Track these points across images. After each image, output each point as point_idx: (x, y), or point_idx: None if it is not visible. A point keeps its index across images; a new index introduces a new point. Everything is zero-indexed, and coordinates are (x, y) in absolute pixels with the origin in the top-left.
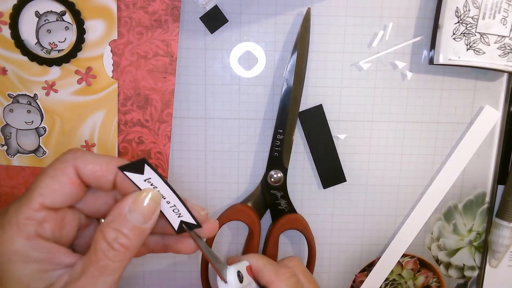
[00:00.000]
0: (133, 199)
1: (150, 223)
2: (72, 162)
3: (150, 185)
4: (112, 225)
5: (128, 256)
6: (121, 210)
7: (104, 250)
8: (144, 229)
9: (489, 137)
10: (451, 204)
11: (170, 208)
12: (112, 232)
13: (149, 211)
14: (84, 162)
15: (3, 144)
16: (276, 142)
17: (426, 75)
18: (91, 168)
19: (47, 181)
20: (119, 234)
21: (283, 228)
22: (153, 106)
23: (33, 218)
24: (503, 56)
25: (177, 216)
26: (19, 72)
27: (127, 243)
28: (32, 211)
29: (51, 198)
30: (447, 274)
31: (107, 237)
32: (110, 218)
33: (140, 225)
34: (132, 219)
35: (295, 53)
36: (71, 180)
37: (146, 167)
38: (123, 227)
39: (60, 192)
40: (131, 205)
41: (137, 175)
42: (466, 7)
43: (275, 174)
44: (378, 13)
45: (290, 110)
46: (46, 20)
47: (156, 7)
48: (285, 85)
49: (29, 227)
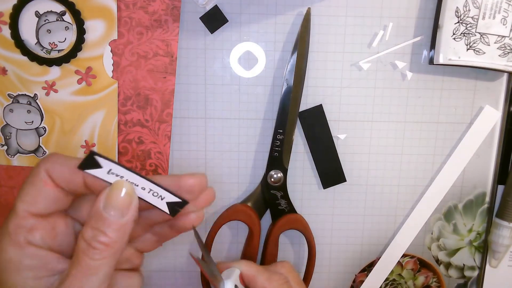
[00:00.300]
0: (106, 194)
1: (129, 216)
2: (43, 166)
3: (117, 176)
4: (89, 224)
5: (111, 253)
6: (96, 208)
7: (84, 250)
8: (123, 223)
9: (489, 137)
10: (451, 204)
11: (148, 193)
12: (89, 231)
13: (124, 204)
14: (53, 164)
15: (3, 144)
16: (276, 142)
17: (426, 75)
18: (59, 170)
19: (27, 188)
20: (97, 232)
21: (283, 228)
22: (153, 106)
23: (22, 226)
24: (503, 56)
25: (160, 199)
26: (19, 72)
27: (106, 240)
28: (20, 219)
29: (33, 204)
30: (447, 274)
31: (85, 236)
32: (87, 217)
33: (118, 219)
34: (108, 215)
35: (295, 53)
36: (46, 183)
37: (100, 160)
38: (100, 225)
39: (40, 197)
40: (105, 201)
41: (98, 170)
42: (466, 7)
43: (275, 174)
44: (378, 13)
45: (290, 110)
46: (46, 20)
47: (156, 7)
48: (285, 85)
49: (19, 236)
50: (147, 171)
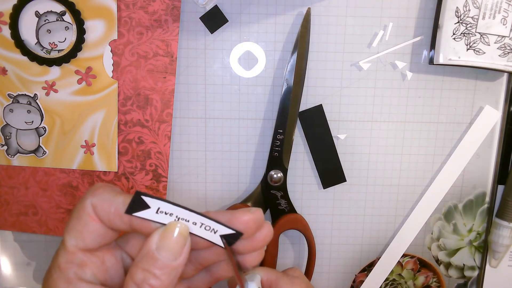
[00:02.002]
0: (159, 235)
1: (181, 259)
2: (90, 200)
3: (166, 214)
4: (140, 265)
5: None
6: (149, 248)
7: None
8: (175, 266)
9: (489, 137)
10: (451, 204)
11: (200, 228)
12: (140, 273)
13: (178, 246)
14: (100, 199)
15: (3, 144)
16: (276, 142)
17: (426, 75)
18: (104, 207)
19: (73, 222)
20: (148, 274)
21: (283, 228)
22: (153, 106)
23: (72, 261)
24: (503, 56)
25: (213, 233)
26: (19, 72)
27: (157, 284)
28: (69, 254)
29: (81, 239)
30: (447, 274)
31: (136, 278)
32: (137, 258)
33: (170, 262)
34: (161, 257)
35: (295, 53)
36: (92, 218)
37: (147, 199)
38: (151, 267)
39: (87, 232)
40: (158, 242)
41: (147, 211)
42: (466, 7)
43: (275, 174)
44: (378, 13)
45: (290, 110)
46: (46, 20)
47: (156, 7)
48: (285, 85)
49: (70, 271)
50: (147, 171)
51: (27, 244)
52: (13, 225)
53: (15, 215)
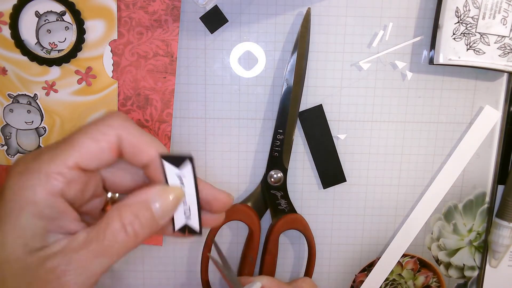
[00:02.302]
0: (161, 191)
1: (165, 221)
2: (117, 130)
3: (179, 181)
4: (132, 209)
5: (132, 245)
6: (147, 197)
7: (115, 230)
8: (158, 225)
9: (489, 137)
10: (451, 204)
11: (182, 208)
12: (130, 215)
13: (170, 209)
14: (129, 133)
15: (3, 144)
16: (276, 142)
17: (426, 75)
18: (133, 142)
19: (88, 142)
20: (136, 220)
21: (283, 228)
22: (153, 106)
23: (64, 175)
24: (503, 56)
25: (185, 217)
26: (19, 72)
27: (140, 232)
28: (65, 167)
29: (87, 160)
30: (447, 274)
31: (123, 218)
32: (131, 201)
33: (158, 218)
34: (155, 210)
35: (295, 53)
36: (111, 147)
37: (187, 164)
38: (142, 214)
39: (97, 156)
40: (158, 196)
41: (173, 167)
42: (466, 7)
43: (275, 174)
44: (378, 13)
45: (290, 110)
46: (46, 20)
47: (156, 7)
48: (285, 85)
49: (57, 183)
50: None
51: None
52: None
53: None
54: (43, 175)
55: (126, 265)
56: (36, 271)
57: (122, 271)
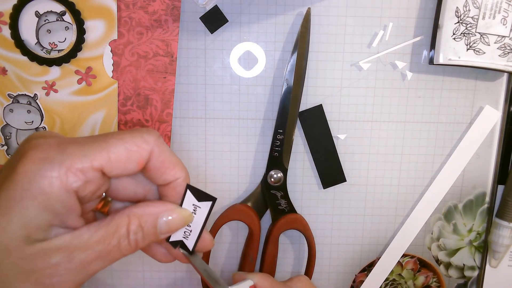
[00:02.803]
0: (172, 209)
1: (164, 237)
2: (152, 147)
3: (192, 209)
4: (140, 219)
5: (128, 253)
6: (157, 212)
7: (121, 237)
8: (157, 239)
9: (489, 137)
10: (451, 204)
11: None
12: (136, 225)
13: (175, 227)
14: (161, 152)
15: (3, 144)
16: (276, 142)
17: (426, 75)
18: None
19: (120, 149)
20: (140, 231)
21: (283, 228)
22: (153, 106)
23: (86, 174)
24: (503, 56)
25: (183, 236)
26: (19, 72)
27: (140, 242)
28: (90, 167)
29: (113, 166)
30: (447, 274)
31: (131, 227)
32: (141, 211)
33: (160, 234)
34: (160, 225)
35: (295, 53)
36: (140, 161)
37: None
38: (147, 227)
39: (124, 165)
40: (167, 212)
41: (193, 197)
42: (466, 7)
43: (275, 174)
44: (378, 13)
45: (290, 110)
46: (46, 20)
47: (156, 7)
48: (285, 85)
49: (76, 180)
50: None
51: None
52: None
53: None
54: (64, 169)
55: (126, 265)
56: (36, 263)
57: (122, 271)
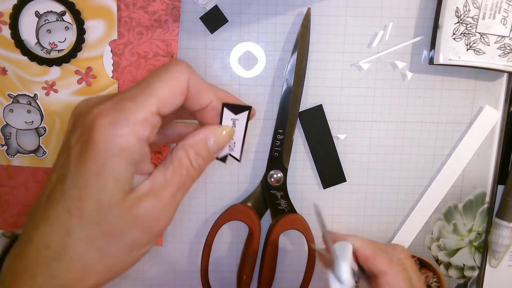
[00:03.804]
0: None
1: (217, 154)
2: (188, 75)
3: (232, 123)
4: (195, 148)
5: (197, 177)
6: (205, 137)
7: (188, 167)
8: (213, 158)
9: (489, 137)
10: (451, 204)
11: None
12: (193, 153)
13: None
14: (194, 78)
15: (3, 144)
16: (276, 142)
17: (426, 75)
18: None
19: (165, 88)
20: (198, 156)
21: (283, 228)
22: None
23: (150, 121)
24: (503, 56)
25: (227, 149)
26: (19, 72)
27: (202, 165)
28: (150, 114)
29: (165, 105)
30: (447, 274)
31: (191, 157)
32: (193, 140)
33: (213, 153)
34: (211, 147)
35: (295, 53)
36: (183, 91)
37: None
38: (202, 152)
39: (174, 101)
40: (213, 135)
41: (231, 113)
42: (466, 7)
43: (275, 174)
44: (378, 13)
45: (290, 110)
46: (46, 20)
47: (156, 7)
48: (285, 85)
49: (144, 129)
50: None
51: None
52: (13, 225)
53: (15, 215)
54: (132, 124)
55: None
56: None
57: None
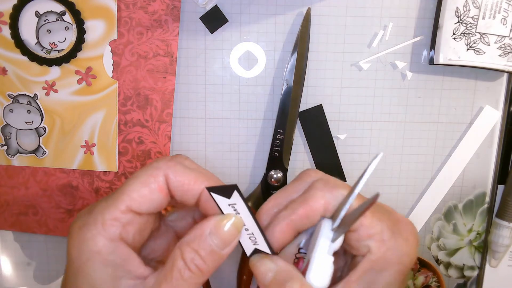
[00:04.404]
0: (215, 222)
1: (228, 250)
2: (164, 171)
3: (233, 211)
4: (192, 245)
5: (200, 281)
6: (202, 231)
7: (180, 269)
8: (221, 255)
9: (489, 137)
10: (451, 204)
11: (247, 235)
12: (190, 252)
13: (229, 237)
14: (175, 172)
15: (3, 144)
16: (276, 142)
17: (426, 75)
18: (180, 180)
19: (137, 186)
20: (197, 255)
21: None
22: (153, 106)
23: (119, 219)
24: (503, 56)
25: (252, 243)
26: (19, 72)
27: (203, 266)
28: (119, 212)
29: (138, 203)
30: (447, 274)
31: (185, 256)
32: (190, 237)
33: (218, 250)
34: (212, 242)
35: (295, 53)
36: (160, 188)
37: (234, 193)
38: (201, 249)
39: (148, 198)
40: (213, 228)
41: (223, 198)
42: (466, 7)
43: (275, 174)
44: (378, 13)
45: (290, 110)
46: (46, 20)
47: (156, 7)
48: (285, 85)
49: (114, 228)
50: None
51: (27, 244)
52: (13, 225)
53: (15, 215)
54: (99, 224)
55: None
56: None
57: None
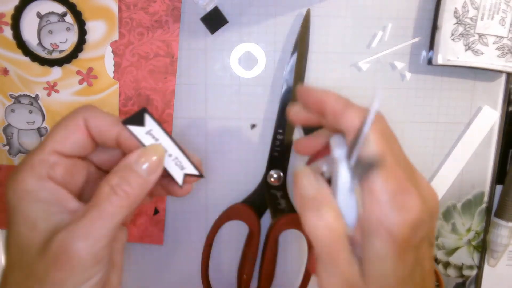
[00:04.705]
0: (139, 152)
1: (154, 177)
2: (82, 114)
3: (152, 138)
4: (117, 173)
5: (128, 203)
6: (127, 161)
7: (106, 193)
8: (148, 181)
9: (488, 137)
10: (450, 203)
11: (172, 161)
12: (116, 178)
13: (153, 166)
14: (93, 115)
15: (5, 144)
16: (276, 142)
17: (425, 76)
18: (97, 121)
19: (59, 129)
20: (123, 180)
21: (283, 228)
22: (154, 106)
23: (45, 160)
24: (502, 57)
25: (179, 169)
26: (20, 72)
27: (129, 190)
28: (45, 154)
29: (62, 144)
30: (445, 273)
31: (112, 182)
32: (116, 168)
33: (145, 176)
34: (138, 169)
35: (295, 54)
36: (80, 130)
37: (147, 118)
38: (128, 176)
39: (70, 140)
40: (137, 158)
41: (140, 128)
42: (464, 8)
43: (275, 174)
44: (377, 14)
45: None
46: (47, 21)
47: (156, 8)
48: (285, 85)
49: (41, 169)
50: None
51: None
52: None
53: None
54: (28, 166)
55: (126, 265)
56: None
57: None
